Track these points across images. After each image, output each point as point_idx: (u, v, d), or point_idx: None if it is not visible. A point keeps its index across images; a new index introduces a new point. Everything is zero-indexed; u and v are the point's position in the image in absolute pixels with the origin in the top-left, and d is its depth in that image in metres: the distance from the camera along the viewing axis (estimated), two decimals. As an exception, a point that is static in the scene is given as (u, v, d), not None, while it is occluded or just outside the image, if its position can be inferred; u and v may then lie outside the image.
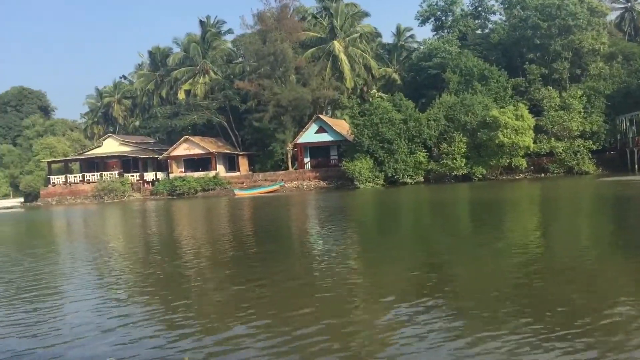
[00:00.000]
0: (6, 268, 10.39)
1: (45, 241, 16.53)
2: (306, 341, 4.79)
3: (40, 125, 67.37)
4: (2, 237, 19.16)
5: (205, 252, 11.13)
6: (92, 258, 11.26)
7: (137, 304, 6.61)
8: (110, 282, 8.19)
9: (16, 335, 5.46)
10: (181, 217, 25.03)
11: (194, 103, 54.87)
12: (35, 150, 61.17)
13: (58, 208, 43.27)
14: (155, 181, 52.28)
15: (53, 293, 7.71)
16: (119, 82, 71.51)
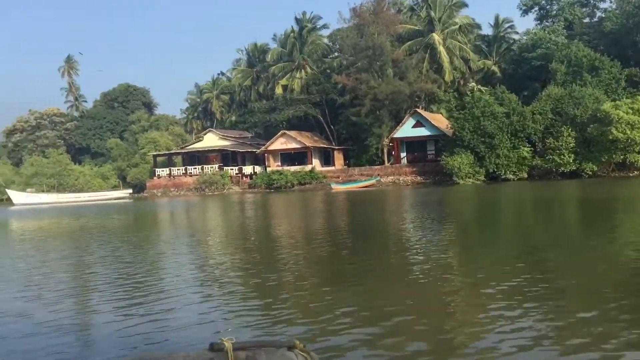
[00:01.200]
0: (125, 254, 11.24)
1: (156, 230, 17.80)
2: (399, 333, 4.86)
3: (145, 121, 74.47)
4: (125, 225, 21.11)
5: (304, 244, 11.51)
6: (197, 246, 12.11)
7: (233, 295, 6.73)
8: (211, 271, 8.54)
9: (125, 319, 5.72)
10: (280, 209, 26.20)
11: (291, 98, 58.53)
12: (141, 144, 67.83)
13: (163, 199, 47.68)
14: (253, 174, 56.51)
15: (159, 279, 8.12)
16: (217, 79, 77.17)
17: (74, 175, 64.90)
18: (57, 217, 28.11)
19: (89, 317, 6.19)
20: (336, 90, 55.06)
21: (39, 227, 22.01)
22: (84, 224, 21.69)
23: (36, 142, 76.75)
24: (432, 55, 54.17)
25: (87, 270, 9.50)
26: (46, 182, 61.38)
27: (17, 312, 6.30)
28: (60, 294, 7.31)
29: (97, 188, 63.01)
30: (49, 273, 9.17)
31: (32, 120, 78.22)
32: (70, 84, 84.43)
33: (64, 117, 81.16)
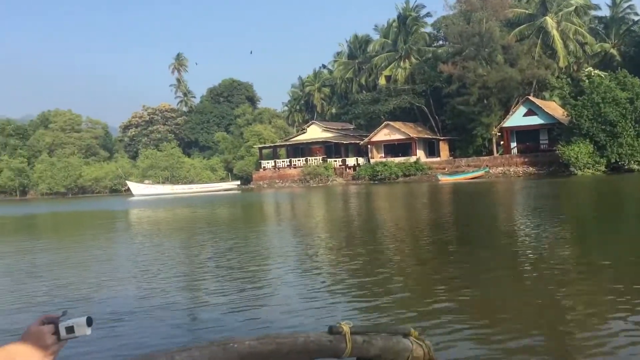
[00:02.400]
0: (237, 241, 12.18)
1: (265, 220, 18.95)
2: (512, 330, 4.74)
3: (250, 114, 79.16)
4: (237, 215, 22.32)
5: (411, 236, 11.59)
6: (304, 236, 12.72)
7: (341, 283, 7.00)
8: (318, 260, 8.93)
9: (234, 306, 6.05)
10: (385, 201, 26.42)
11: (394, 88, 59.90)
12: (246, 137, 72.31)
13: (269, 191, 50.55)
14: (357, 166, 58.60)
15: (269, 267, 8.62)
16: (319, 72, 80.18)
17: (186, 167, 70.74)
18: (174, 207, 30.66)
19: (204, 301, 6.47)
20: (442, 79, 55.64)
21: (160, 216, 24.14)
22: (200, 214, 23.52)
23: (149, 137, 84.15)
24: (545, 39, 53.13)
25: (201, 256, 10.35)
26: (160, 174, 67.58)
27: (135, 294, 6.94)
28: (175, 279, 7.96)
29: (206, 180, 68.27)
30: (166, 259, 10.06)
31: (145, 116, 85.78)
32: (179, 81, 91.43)
33: (174, 112, 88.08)
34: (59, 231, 20.11)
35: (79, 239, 15.65)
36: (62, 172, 71.27)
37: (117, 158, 78.32)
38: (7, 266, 10.28)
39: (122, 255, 11.22)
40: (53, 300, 6.71)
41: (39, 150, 76.27)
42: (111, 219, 24.36)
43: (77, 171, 71.42)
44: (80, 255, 11.28)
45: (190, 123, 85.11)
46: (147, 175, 67.16)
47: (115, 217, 25.73)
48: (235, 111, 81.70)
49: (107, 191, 70.27)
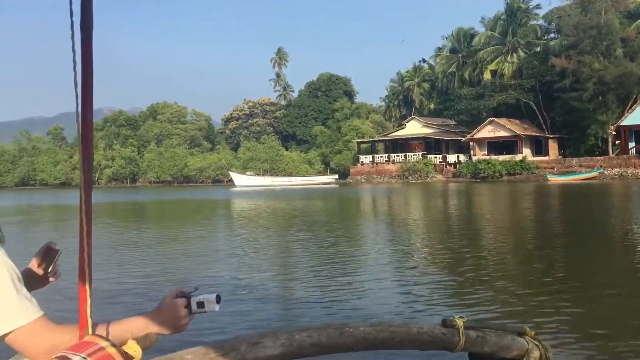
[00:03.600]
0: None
1: (364, 215, 19.25)
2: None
3: (348, 109, 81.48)
4: (336, 209, 23.24)
5: (517, 238, 11.27)
6: (402, 233, 12.80)
7: (443, 279, 7.20)
8: (417, 257, 9.15)
9: (329, 296, 6.31)
10: (489, 200, 25.73)
11: (500, 83, 59.80)
12: (344, 131, 74.58)
13: (366, 186, 51.55)
14: (458, 163, 59.12)
15: (366, 259, 8.93)
16: (419, 66, 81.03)
17: (285, 160, 74.19)
18: (276, 199, 31.86)
19: (306, 290, 6.70)
20: (553, 73, 54.94)
21: (264, 207, 25.02)
22: (301, 207, 24.33)
23: (249, 129, 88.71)
24: (672, 31, 51.16)
25: (300, 246, 10.80)
26: (260, 166, 71.42)
27: (231, 280, 7.36)
28: (270, 268, 8.50)
29: (304, 173, 71.28)
30: (262, 248, 10.72)
31: (246, 109, 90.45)
32: (278, 75, 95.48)
33: (274, 105, 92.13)
34: (180, 218, 21.82)
35: (199, 226, 16.84)
36: (169, 161, 77.05)
37: (219, 149, 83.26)
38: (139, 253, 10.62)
39: (236, 243, 11.78)
40: (167, 282, 7.30)
41: (148, 140, 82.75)
42: (225, 208, 26.23)
43: (183, 161, 76.90)
44: (203, 243, 12.00)
45: (289, 117, 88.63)
46: (248, 167, 71.10)
47: (227, 206, 27.38)
48: (334, 105, 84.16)
49: (209, 181, 75.05)
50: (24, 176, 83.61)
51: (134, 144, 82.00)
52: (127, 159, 79.20)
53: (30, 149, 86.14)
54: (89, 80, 1.81)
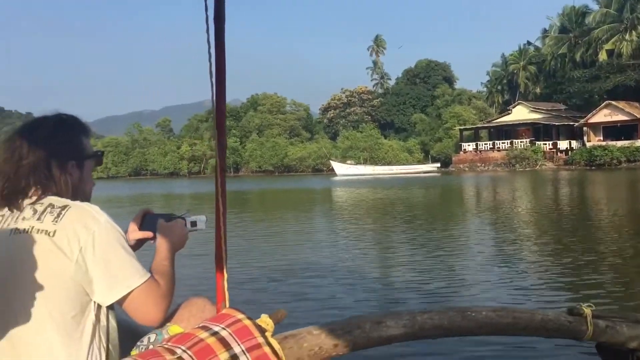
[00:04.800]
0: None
1: (468, 205, 18.72)
2: None
3: (449, 95, 79.64)
4: (439, 198, 22.85)
5: (633, 233, 10.06)
6: (511, 225, 12.03)
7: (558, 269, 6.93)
8: (529, 249, 8.65)
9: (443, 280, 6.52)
10: (606, 190, 23.87)
11: (618, 63, 55.80)
12: (445, 118, 73.00)
13: (469, 174, 50.26)
14: (570, 150, 56.00)
15: (474, 249, 8.81)
16: (524, 48, 77.40)
17: (384, 149, 73.94)
18: (381, 187, 31.45)
19: (413, 278, 6.77)
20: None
21: (369, 196, 25.15)
22: (404, 196, 24.07)
23: (347, 118, 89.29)
24: None
25: (405, 235, 10.89)
26: (360, 155, 71.63)
27: (338, 266, 7.51)
28: (371, 256, 8.70)
29: (403, 161, 70.65)
30: (369, 236, 10.92)
31: (343, 98, 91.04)
32: (375, 63, 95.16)
33: (371, 94, 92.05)
34: (290, 207, 22.45)
35: (310, 214, 17.51)
36: (270, 151, 79.32)
37: (317, 139, 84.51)
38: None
39: (345, 231, 12.17)
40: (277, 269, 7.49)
41: (249, 131, 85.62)
42: (331, 197, 26.78)
43: (283, 150, 78.86)
44: (316, 231, 12.38)
45: (387, 105, 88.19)
46: (347, 155, 71.59)
47: (333, 195, 27.85)
48: (435, 92, 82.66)
49: (309, 170, 76.44)
50: (137, 166, 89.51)
51: (236, 135, 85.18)
52: (230, 149, 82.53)
53: (141, 141, 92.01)
54: (222, 71, 1.96)
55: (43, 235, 1.43)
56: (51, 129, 1.65)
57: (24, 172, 1.56)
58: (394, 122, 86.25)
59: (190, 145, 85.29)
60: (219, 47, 1.90)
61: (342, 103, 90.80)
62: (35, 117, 1.72)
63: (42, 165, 1.58)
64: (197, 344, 1.63)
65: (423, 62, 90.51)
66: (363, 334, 1.90)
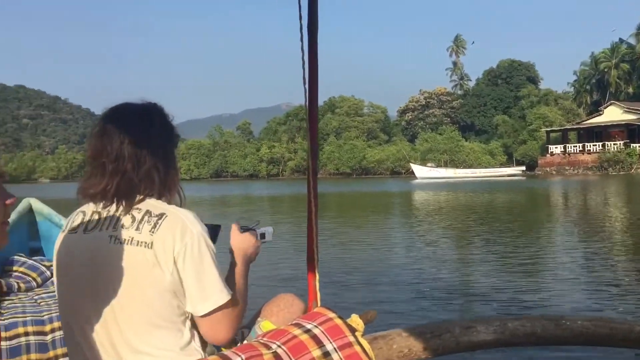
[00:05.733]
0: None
1: (554, 212, 17.57)
2: None
3: (535, 96, 76.80)
4: (520, 204, 21.91)
5: None
6: (598, 232, 11.41)
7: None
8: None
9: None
10: None
11: None
12: (529, 119, 70.41)
13: (556, 178, 47.88)
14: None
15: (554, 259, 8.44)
16: (616, 46, 73.30)
17: (465, 151, 72.31)
18: (462, 191, 30.88)
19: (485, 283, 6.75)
20: None
21: (451, 199, 24.78)
22: (489, 199, 23.49)
23: (425, 120, 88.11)
24: None
25: (483, 240, 10.74)
26: (439, 158, 70.42)
27: (418, 271, 7.59)
28: (453, 260, 8.66)
29: (485, 164, 68.75)
30: (442, 242, 10.82)
31: (422, 100, 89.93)
32: (455, 64, 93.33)
33: (450, 95, 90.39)
34: (373, 210, 22.60)
35: (393, 219, 17.62)
36: (348, 153, 79.54)
37: (395, 141, 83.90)
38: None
39: (431, 236, 12.03)
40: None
41: (327, 133, 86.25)
42: (415, 201, 26.57)
43: (361, 153, 78.85)
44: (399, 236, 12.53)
45: (467, 106, 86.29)
46: (426, 158, 70.59)
47: (417, 199, 27.37)
48: (521, 92, 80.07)
49: (387, 173, 76.02)
50: (218, 168, 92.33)
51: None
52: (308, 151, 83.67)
53: (222, 143, 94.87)
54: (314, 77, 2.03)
55: (142, 248, 1.42)
56: (157, 120, 1.58)
57: (135, 170, 1.48)
58: (474, 123, 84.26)
59: (269, 148, 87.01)
60: (312, 54, 1.97)
61: (421, 105, 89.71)
62: (132, 105, 1.59)
63: (153, 163, 1.51)
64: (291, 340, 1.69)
65: (505, 62, 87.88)
66: (452, 338, 1.91)
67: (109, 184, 1.47)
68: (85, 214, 1.53)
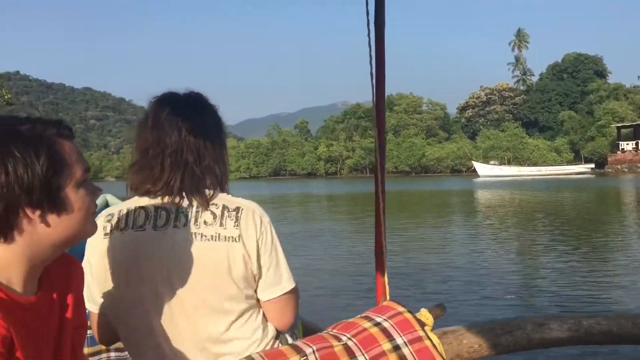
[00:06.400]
0: None
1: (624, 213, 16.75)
2: None
3: (604, 90, 73.72)
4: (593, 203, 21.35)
5: None
6: None
7: None
8: None
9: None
10: None
11: None
12: (598, 115, 67.64)
13: (629, 176, 46.11)
14: None
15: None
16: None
17: (529, 149, 70.22)
18: (525, 190, 30.10)
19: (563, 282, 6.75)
20: None
21: (514, 198, 24.15)
22: (555, 199, 22.75)
23: (486, 117, 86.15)
24: None
25: (550, 239, 10.63)
26: (502, 155, 68.66)
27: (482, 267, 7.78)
28: (520, 259, 8.77)
29: (551, 162, 66.52)
30: (509, 241, 10.87)
31: (482, 96, 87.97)
32: (517, 59, 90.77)
33: (512, 91, 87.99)
34: (446, 210, 22.31)
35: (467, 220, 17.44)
36: (407, 151, 78.80)
37: (455, 139, 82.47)
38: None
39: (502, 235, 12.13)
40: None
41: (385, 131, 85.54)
42: (483, 200, 25.93)
43: (420, 151, 77.93)
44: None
45: (530, 102, 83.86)
46: (488, 156, 69.05)
47: (480, 197, 27.15)
48: (589, 86, 77.12)
49: (447, 171, 74.83)
50: (276, 167, 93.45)
51: (372, 135, 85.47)
52: (366, 149, 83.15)
53: (280, 142, 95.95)
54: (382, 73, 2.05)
55: (231, 242, 1.44)
56: (210, 111, 1.55)
57: (197, 163, 1.46)
58: (538, 120, 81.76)
59: (327, 146, 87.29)
60: (379, 51, 1.99)
61: (481, 101, 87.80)
62: (183, 95, 1.54)
63: (212, 155, 1.49)
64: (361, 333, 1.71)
65: (571, 56, 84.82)
66: (524, 335, 1.89)
67: (171, 177, 1.43)
68: (147, 210, 1.46)
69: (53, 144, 0.96)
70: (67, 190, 0.97)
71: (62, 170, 0.96)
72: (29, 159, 0.91)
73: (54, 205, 0.95)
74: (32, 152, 0.92)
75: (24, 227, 0.94)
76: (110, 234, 1.45)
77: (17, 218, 0.92)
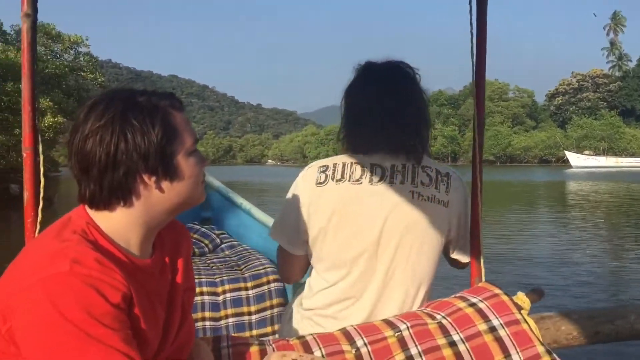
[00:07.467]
0: None
1: None
2: None
3: None
4: None
5: None
6: None
7: None
8: None
9: None
10: None
11: None
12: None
13: None
14: None
15: None
16: None
17: (626, 138, 66.22)
18: (623, 182, 28.93)
19: None
20: None
21: (612, 191, 23.28)
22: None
23: (577, 105, 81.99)
24: None
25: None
26: (596, 145, 65.13)
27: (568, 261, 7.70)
28: (614, 252, 8.64)
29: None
30: (606, 234, 10.78)
31: (574, 83, 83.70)
32: (613, 43, 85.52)
33: (607, 78, 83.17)
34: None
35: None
36: (491, 140, 76.45)
37: (543, 127, 79.14)
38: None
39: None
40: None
41: (468, 119, 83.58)
42: (584, 194, 24.73)
43: (506, 140, 75.38)
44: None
45: (626, 89, 79.17)
46: (581, 146, 65.83)
47: (575, 189, 26.14)
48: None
49: (535, 161, 72.02)
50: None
51: (454, 123, 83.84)
52: (448, 137, 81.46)
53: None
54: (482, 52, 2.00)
55: (441, 207, 1.53)
56: (418, 80, 1.64)
57: (414, 127, 1.57)
58: (635, 108, 77.14)
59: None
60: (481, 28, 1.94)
61: (573, 88, 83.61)
62: (389, 63, 1.62)
63: (424, 121, 1.62)
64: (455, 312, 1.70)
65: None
66: (627, 325, 1.82)
67: (386, 138, 1.52)
68: (363, 166, 1.55)
69: (167, 114, 1.01)
70: (179, 158, 1.01)
71: (175, 138, 1.01)
72: (145, 127, 0.96)
73: (167, 172, 1.00)
74: (149, 121, 0.97)
75: (141, 192, 0.99)
76: (323, 183, 1.54)
77: (135, 183, 0.97)
